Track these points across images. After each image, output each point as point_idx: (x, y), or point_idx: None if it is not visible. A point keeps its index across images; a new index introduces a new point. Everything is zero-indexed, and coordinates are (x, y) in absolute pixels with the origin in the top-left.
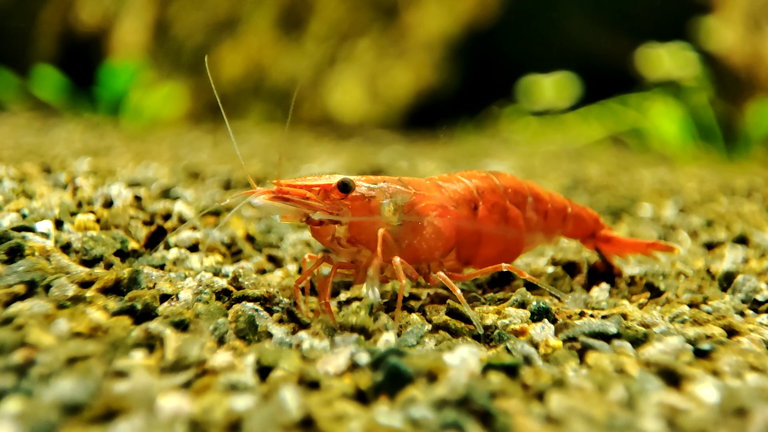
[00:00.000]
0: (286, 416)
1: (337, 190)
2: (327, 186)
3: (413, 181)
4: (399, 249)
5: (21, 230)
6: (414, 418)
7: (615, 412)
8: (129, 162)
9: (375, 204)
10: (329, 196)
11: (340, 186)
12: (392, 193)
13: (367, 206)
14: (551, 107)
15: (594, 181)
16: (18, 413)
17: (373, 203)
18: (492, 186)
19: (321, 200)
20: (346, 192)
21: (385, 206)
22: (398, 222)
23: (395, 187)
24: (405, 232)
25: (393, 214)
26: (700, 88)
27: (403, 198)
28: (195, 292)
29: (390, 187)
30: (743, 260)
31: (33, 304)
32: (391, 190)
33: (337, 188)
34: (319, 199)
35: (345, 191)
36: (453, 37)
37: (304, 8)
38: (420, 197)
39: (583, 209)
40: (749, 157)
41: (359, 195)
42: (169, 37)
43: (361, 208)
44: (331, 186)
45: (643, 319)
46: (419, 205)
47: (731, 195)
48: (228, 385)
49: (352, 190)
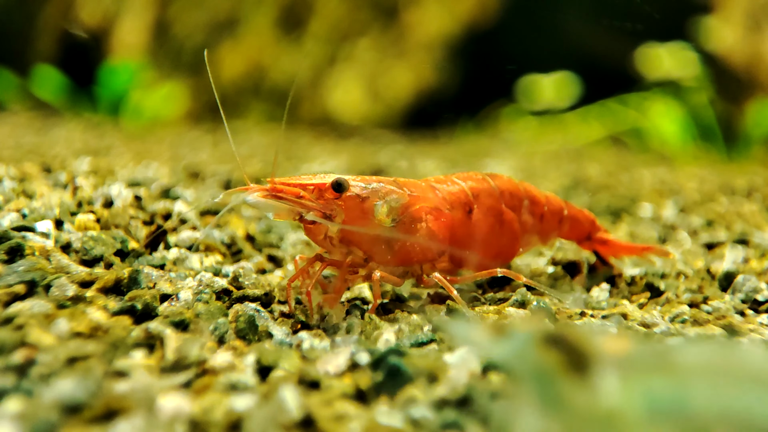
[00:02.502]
0: (287, 416)
1: (331, 189)
2: (321, 185)
3: (408, 183)
4: (391, 251)
5: (21, 230)
6: (414, 418)
7: None
8: (129, 162)
9: (369, 205)
10: (323, 196)
11: (334, 185)
12: (386, 195)
13: (360, 207)
14: (551, 107)
15: (594, 181)
16: (18, 413)
17: (366, 204)
18: (488, 189)
19: (315, 199)
20: (339, 192)
21: (379, 207)
22: (392, 224)
23: (389, 188)
24: (398, 234)
25: (386, 216)
26: (700, 88)
27: (397, 199)
28: (195, 291)
29: (384, 188)
30: (743, 260)
31: (33, 303)
32: (385, 191)
33: (331, 188)
34: (313, 198)
35: (339, 191)
36: (453, 37)
37: (304, 8)
38: (414, 199)
39: (580, 212)
40: (749, 157)
41: (353, 195)
42: (169, 37)
43: (355, 209)
44: (325, 185)
45: (643, 319)
46: (413, 207)
47: (731, 195)
48: (228, 384)
49: (346, 190)
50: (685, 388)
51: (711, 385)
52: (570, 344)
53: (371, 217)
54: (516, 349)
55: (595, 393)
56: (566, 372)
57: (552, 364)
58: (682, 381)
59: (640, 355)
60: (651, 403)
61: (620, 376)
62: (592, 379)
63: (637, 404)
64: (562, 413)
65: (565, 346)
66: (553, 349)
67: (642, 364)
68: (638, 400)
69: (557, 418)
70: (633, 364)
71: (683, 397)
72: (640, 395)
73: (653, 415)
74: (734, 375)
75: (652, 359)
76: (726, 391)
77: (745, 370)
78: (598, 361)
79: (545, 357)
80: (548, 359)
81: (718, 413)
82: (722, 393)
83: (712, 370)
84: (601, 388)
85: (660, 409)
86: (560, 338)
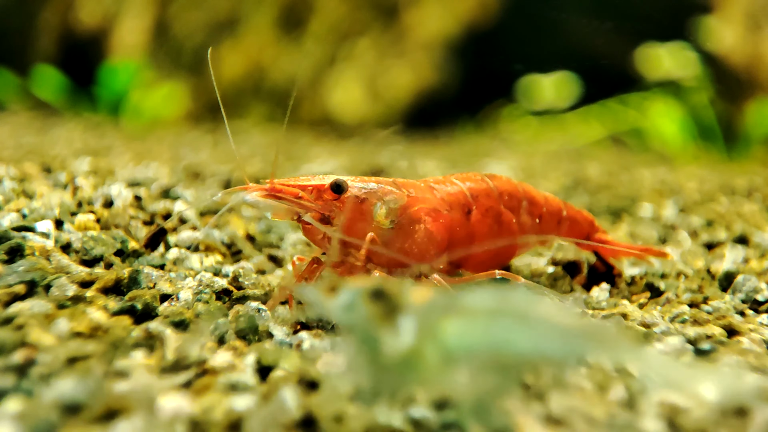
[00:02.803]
0: (287, 416)
1: (330, 190)
2: (320, 186)
3: (407, 184)
4: (389, 252)
5: (21, 230)
6: (414, 417)
7: (615, 412)
8: (129, 162)
9: (367, 206)
10: (322, 197)
11: (333, 187)
12: (385, 196)
13: (359, 208)
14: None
15: (594, 181)
16: (18, 413)
17: (365, 205)
18: (486, 190)
19: (314, 200)
20: (338, 193)
21: (378, 208)
22: (390, 225)
23: (388, 189)
24: (396, 235)
25: (385, 217)
26: (700, 88)
27: (395, 201)
28: (195, 292)
29: (383, 189)
30: (743, 260)
31: (33, 303)
32: (384, 192)
33: (330, 189)
34: (311, 199)
35: (337, 192)
36: (453, 38)
37: (304, 8)
38: (413, 200)
39: (579, 212)
40: (749, 157)
41: (352, 196)
42: (169, 37)
43: (354, 210)
44: (324, 186)
45: (643, 319)
46: (412, 209)
47: (731, 195)
48: (228, 385)
49: (345, 191)
50: (468, 328)
51: (488, 324)
52: (388, 297)
53: (370, 218)
54: (346, 304)
55: (398, 337)
56: (382, 321)
57: (373, 314)
58: (466, 322)
59: (435, 302)
60: (441, 341)
61: (418, 321)
62: (398, 326)
63: (430, 344)
64: (377, 357)
65: (384, 298)
66: (375, 301)
67: (436, 309)
68: (431, 340)
69: (373, 362)
70: (429, 310)
71: (467, 335)
72: (431, 336)
73: (444, 352)
74: (506, 315)
75: (444, 305)
76: (499, 328)
77: (515, 312)
78: (405, 309)
79: (369, 309)
80: (370, 311)
81: (494, 347)
82: (496, 331)
83: (489, 311)
84: (403, 333)
85: (450, 347)
86: (381, 292)
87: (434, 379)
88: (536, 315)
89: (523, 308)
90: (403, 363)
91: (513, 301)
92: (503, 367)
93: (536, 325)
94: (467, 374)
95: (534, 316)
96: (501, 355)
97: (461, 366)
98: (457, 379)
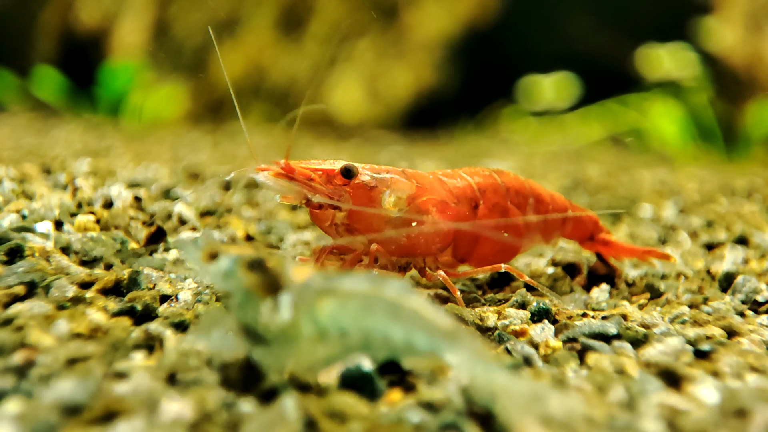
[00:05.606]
0: (287, 416)
1: (340, 175)
2: (330, 171)
3: (416, 175)
4: (396, 240)
5: (21, 231)
6: (414, 418)
7: (615, 413)
8: (129, 162)
9: (376, 193)
10: (332, 182)
11: (343, 172)
12: (394, 184)
13: (368, 195)
14: (551, 107)
15: (594, 182)
16: (18, 414)
17: (374, 192)
18: (494, 185)
19: (323, 184)
20: (348, 178)
21: (386, 197)
22: (397, 213)
23: (397, 179)
24: (403, 224)
25: (393, 205)
26: (700, 88)
27: (404, 190)
28: (195, 293)
29: (392, 178)
30: (743, 261)
31: (33, 305)
32: (394, 181)
33: (340, 174)
34: (322, 182)
35: (348, 177)
36: (453, 38)
37: (304, 8)
38: (421, 191)
39: (584, 212)
40: (749, 157)
41: (361, 183)
42: (168, 38)
43: (362, 196)
44: (334, 171)
45: (643, 319)
46: (420, 199)
47: (731, 195)
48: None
49: (355, 177)
50: (343, 309)
51: (362, 308)
52: (267, 269)
53: (378, 205)
54: (225, 270)
55: (278, 312)
56: (262, 292)
57: (251, 284)
58: (342, 303)
59: (314, 282)
60: (317, 319)
61: (296, 298)
62: (278, 300)
63: (307, 321)
64: (257, 327)
65: (263, 270)
66: (253, 272)
67: (314, 288)
68: (308, 317)
69: (253, 331)
70: (308, 288)
71: (341, 315)
72: (308, 313)
73: (319, 330)
74: (380, 302)
75: (323, 285)
76: (372, 314)
77: (385, 300)
78: (285, 285)
79: (247, 278)
80: (249, 280)
81: (365, 331)
82: (369, 315)
83: (364, 296)
84: (282, 308)
85: (324, 325)
86: (261, 263)
87: (307, 354)
88: (408, 307)
89: (396, 299)
90: (281, 335)
91: (387, 291)
92: (369, 348)
93: (406, 316)
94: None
95: (406, 307)
96: (370, 339)
97: (332, 344)
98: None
